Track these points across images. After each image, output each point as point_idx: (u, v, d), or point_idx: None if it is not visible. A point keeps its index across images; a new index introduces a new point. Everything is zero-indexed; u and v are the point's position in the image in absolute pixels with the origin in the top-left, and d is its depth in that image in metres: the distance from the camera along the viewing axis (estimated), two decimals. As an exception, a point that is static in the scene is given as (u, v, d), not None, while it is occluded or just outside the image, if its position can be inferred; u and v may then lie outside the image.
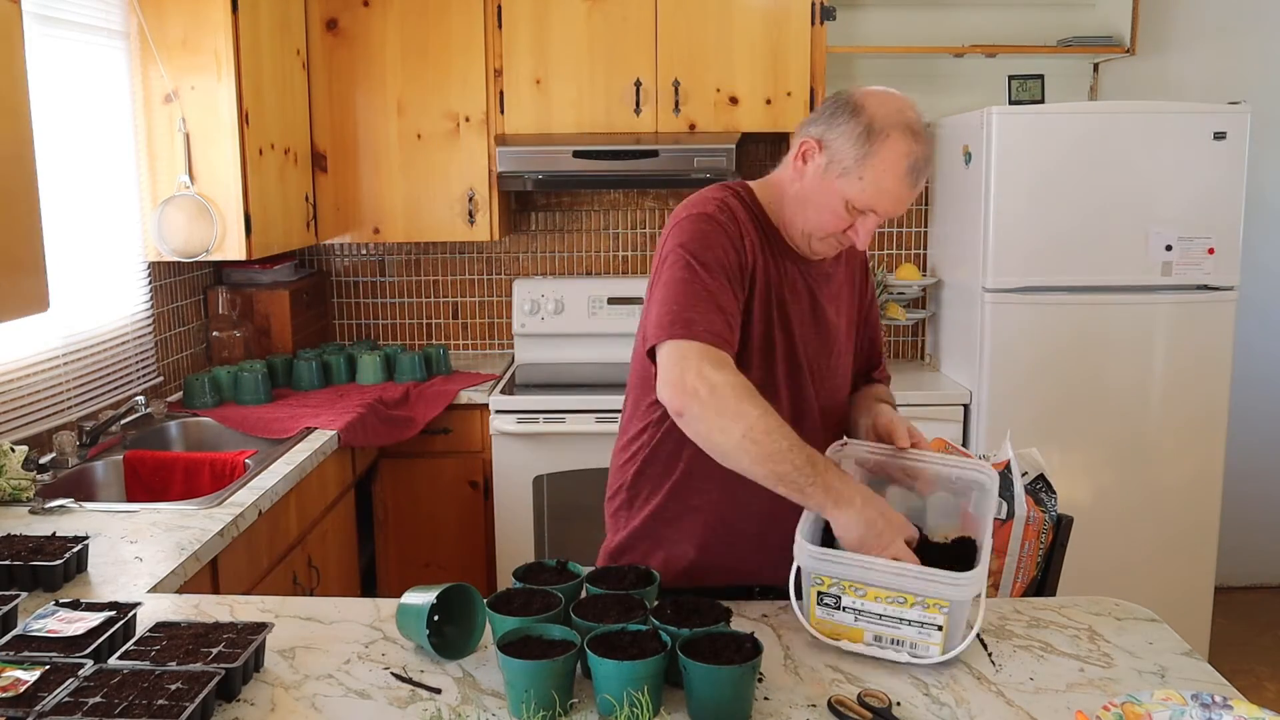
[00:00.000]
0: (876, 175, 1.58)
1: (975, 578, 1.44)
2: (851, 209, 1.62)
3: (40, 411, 2.60)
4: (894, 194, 1.59)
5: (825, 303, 1.76)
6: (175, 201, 3.00)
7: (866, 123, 1.58)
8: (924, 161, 1.59)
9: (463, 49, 3.53)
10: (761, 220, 1.71)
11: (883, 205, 1.60)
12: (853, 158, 1.59)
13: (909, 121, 1.59)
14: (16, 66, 1.99)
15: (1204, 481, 3.40)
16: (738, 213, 1.68)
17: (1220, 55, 3.92)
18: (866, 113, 1.59)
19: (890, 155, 1.57)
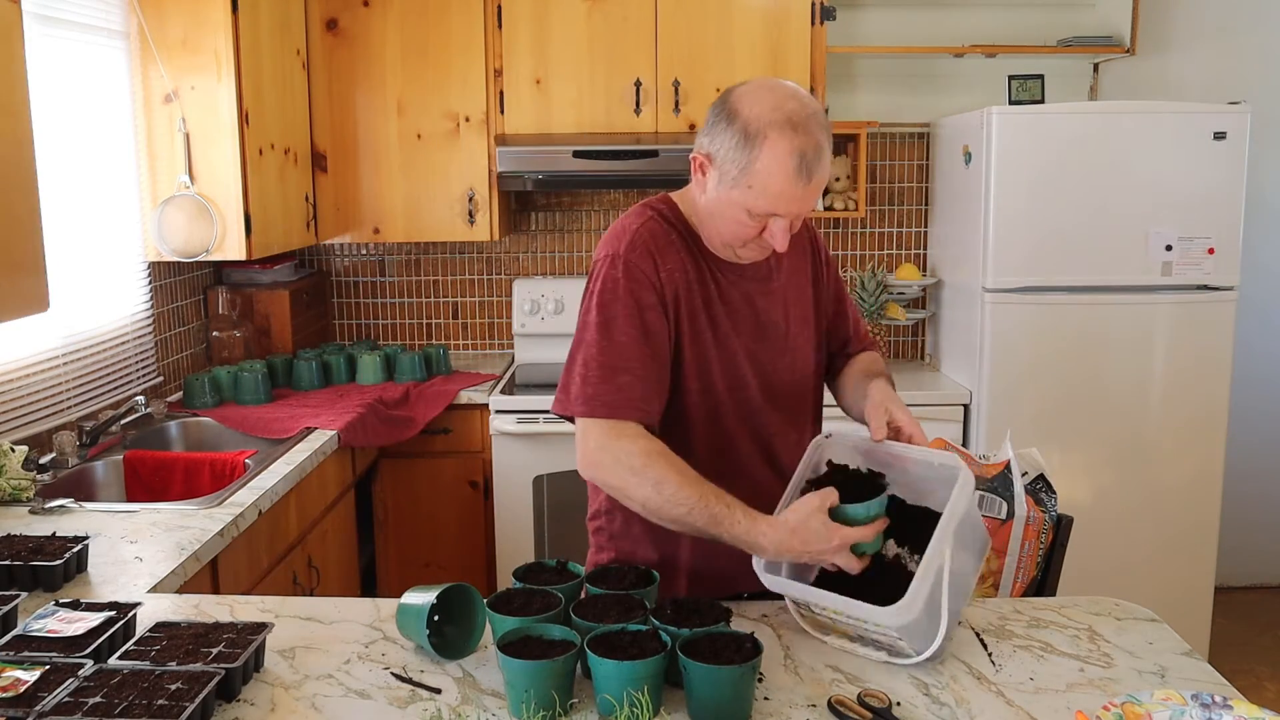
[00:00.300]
0: (764, 181, 1.52)
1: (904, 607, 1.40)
2: (754, 215, 1.56)
3: (40, 411, 2.60)
4: (788, 194, 1.52)
5: (766, 305, 1.72)
6: (175, 201, 3.00)
7: (742, 128, 1.52)
8: (813, 153, 1.51)
9: (463, 49, 3.53)
10: (685, 236, 1.67)
11: (780, 207, 1.54)
12: (738, 167, 1.53)
13: (787, 115, 1.50)
14: (16, 66, 1.99)
15: (1204, 481, 3.40)
16: (657, 238, 1.64)
17: (1220, 55, 3.92)
18: (741, 117, 1.52)
19: (772, 158, 1.50)
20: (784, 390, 1.75)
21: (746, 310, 1.70)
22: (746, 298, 1.70)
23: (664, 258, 1.64)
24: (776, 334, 1.73)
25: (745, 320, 1.70)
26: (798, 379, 1.78)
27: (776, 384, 1.73)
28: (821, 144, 1.53)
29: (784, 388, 1.75)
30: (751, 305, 1.70)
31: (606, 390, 1.58)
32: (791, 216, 1.57)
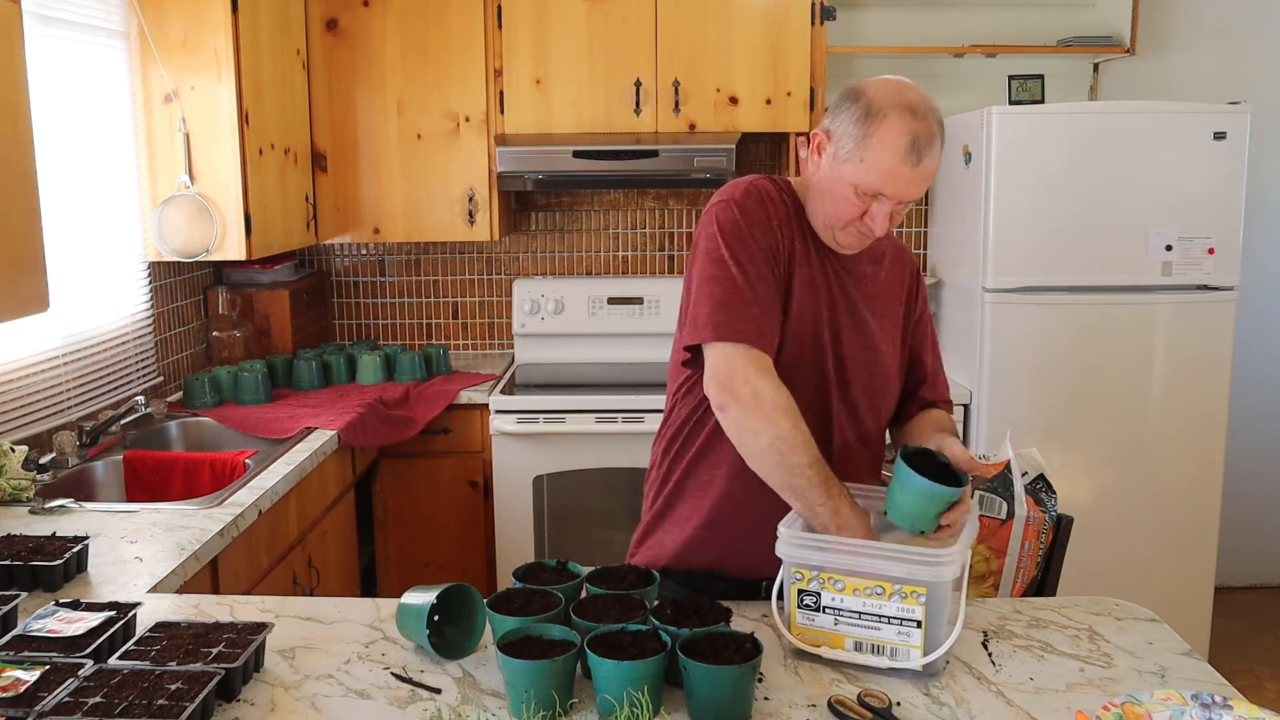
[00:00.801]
0: (876, 155, 1.58)
1: (953, 556, 1.42)
2: (861, 194, 1.61)
3: (40, 411, 2.60)
4: (896, 173, 1.58)
5: (860, 301, 1.74)
6: (175, 201, 3.00)
7: (865, 105, 1.60)
8: (926, 138, 1.58)
9: (463, 49, 3.53)
10: (795, 207, 1.72)
11: (888, 186, 1.59)
12: (854, 140, 1.60)
13: (908, 101, 1.58)
14: (16, 66, 1.99)
15: (1204, 481, 3.40)
16: (769, 195, 1.69)
17: (1220, 55, 3.92)
18: (866, 96, 1.60)
19: (888, 134, 1.57)
20: (858, 382, 1.75)
21: (840, 294, 1.72)
22: (840, 283, 1.73)
23: (775, 211, 1.68)
24: (868, 331, 1.75)
25: (837, 301, 1.72)
26: (875, 380, 1.77)
27: (852, 372, 1.74)
28: (935, 134, 1.60)
29: (859, 381, 1.75)
30: (845, 291, 1.73)
31: (742, 320, 1.60)
32: (896, 198, 1.61)
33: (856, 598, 1.46)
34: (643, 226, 4.02)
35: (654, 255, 4.02)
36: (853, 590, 1.46)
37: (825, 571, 1.47)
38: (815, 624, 1.50)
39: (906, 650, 1.44)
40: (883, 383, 1.79)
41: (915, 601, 1.42)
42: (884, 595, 1.44)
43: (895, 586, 1.43)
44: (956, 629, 1.44)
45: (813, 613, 1.50)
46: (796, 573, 1.49)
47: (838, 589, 1.47)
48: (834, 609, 1.48)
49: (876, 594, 1.45)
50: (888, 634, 1.45)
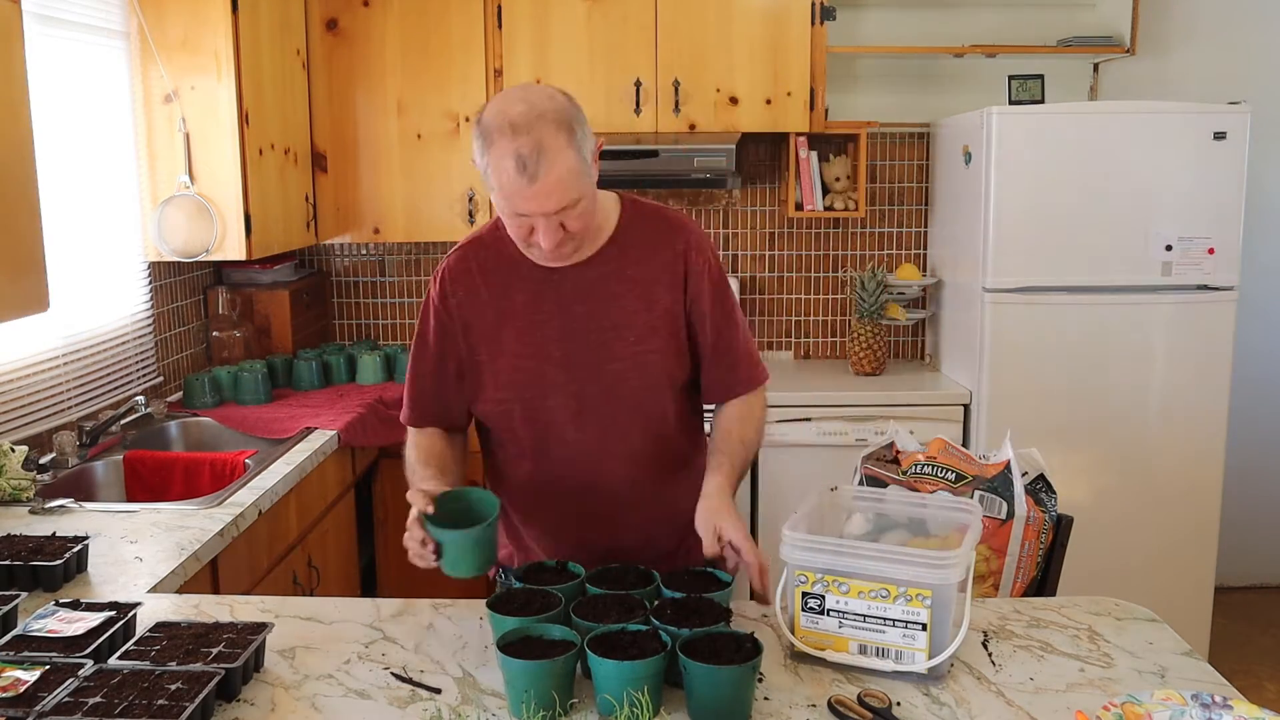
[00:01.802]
0: (496, 182, 1.57)
1: (958, 558, 1.42)
2: (514, 214, 1.60)
3: (40, 411, 2.60)
4: (519, 192, 1.55)
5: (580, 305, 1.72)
6: (175, 201, 3.00)
7: (480, 133, 1.58)
8: (532, 152, 1.52)
9: (463, 49, 3.53)
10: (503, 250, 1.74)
11: (521, 205, 1.57)
12: (483, 171, 1.60)
13: (511, 119, 1.54)
14: (16, 66, 1.99)
15: (1204, 481, 3.40)
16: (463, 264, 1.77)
17: (1220, 55, 3.92)
18: (481, 123, 1.59)
19: (496, 161, 1.55)
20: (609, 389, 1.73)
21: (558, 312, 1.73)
22: (559, 301, 1.72)
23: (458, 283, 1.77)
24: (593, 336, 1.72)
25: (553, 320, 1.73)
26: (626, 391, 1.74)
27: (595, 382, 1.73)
28: (543, 142, 1.53)
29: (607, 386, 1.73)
30: (567, 309, 1.72)
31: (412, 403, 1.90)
32: (535, 215, 1.58)
33: (861, 600, 1.46)
34: (643, 226, 4.01)
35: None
36: (857, 593, 1.46)
37: (830, 574, 1.47)
38: (819, 627, 1.49)
39: (912, 653, 1.44)
40: (635, 391, 1.74)
41: (920, 604, 1.42)
42: (889, 598, 1.44)
43: (900, 589, 1.43)
44: (961, 631, 1.44)
45: (817, 615, 1.49)
46: (800, 575, 1.49)
47: (842, 591, 1.46)
48: (838, 612, 1.47)
49: (881, 596, 1.44)
50: (892, 637, 1.45)
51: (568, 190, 1.56)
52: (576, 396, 1.73)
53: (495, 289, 1.75)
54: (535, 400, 1.75)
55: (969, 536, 1.51)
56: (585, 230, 1.65)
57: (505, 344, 1.74)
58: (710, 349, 1.79)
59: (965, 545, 1.47)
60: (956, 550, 1.44)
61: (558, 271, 1.72)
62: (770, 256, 4.02)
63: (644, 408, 1.76)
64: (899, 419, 2.97)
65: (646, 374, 1.74)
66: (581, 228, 1.63)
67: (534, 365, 1.73)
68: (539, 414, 1.75)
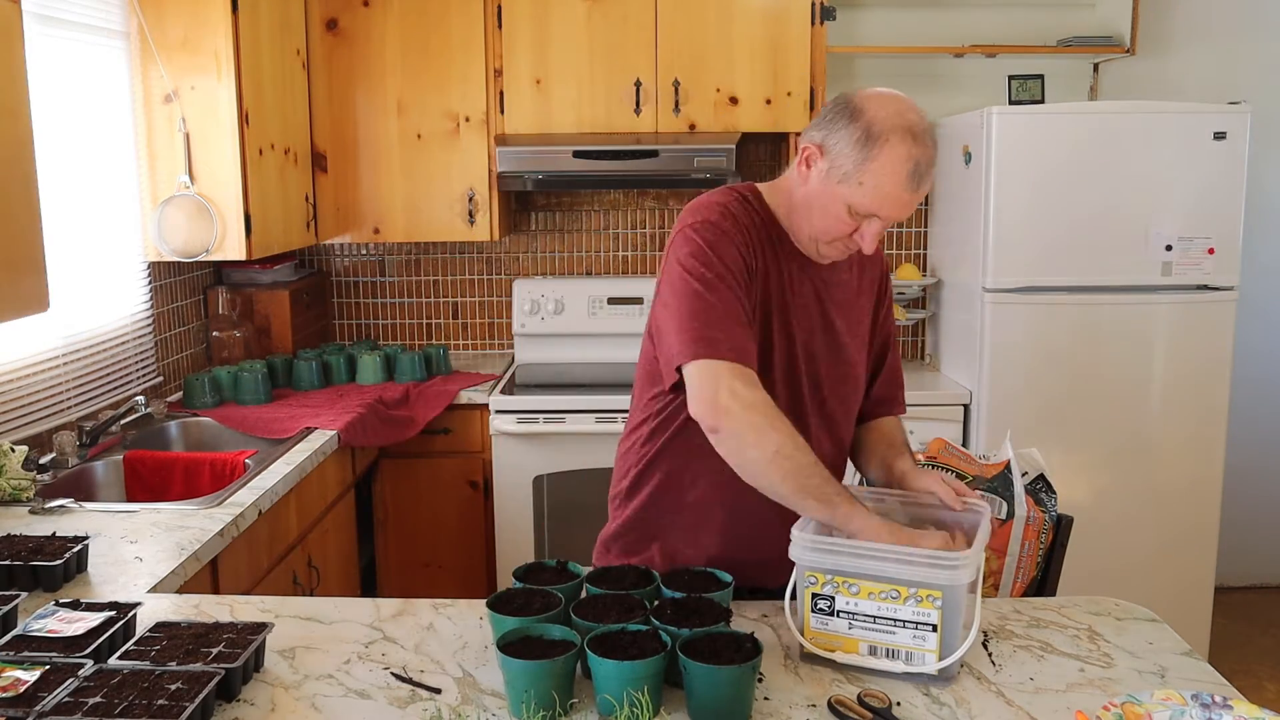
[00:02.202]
0: (877, 180, 1.57)
1: (969, 559, 1.42)
2: (854, 213, 1.61)
3: (40, 411, 2.60)
4: (895, 198, 1.58)
5: (832, 309, 1.75)
6: (175, 201, 3.00)
7: (865, 126, 1.57)
8: (926, 165, 1.57)
9: (463, 49, 3.53)
10: (768, 223, 1.71)
11: (885, 210, 1.59)
12: (853, 162, 1.58)
13: (910, 124, 1.56)
14: (16, 66, 1.99)
15: (1204, 481, 3.40)
16: (740, 217, 1.68)
17: (1220, 55, 3.92)
18: (866, 116, 1.58)
19: (890, 160, 1.55)
20: (833, 394, 1.77)
21: (817, 307, 1.73)
22: (817, 295, 1.73)
23: (745, 229, 1.67)
24: (838, 340, 1.76)
25: (815, 316, 1.73)
26: (847, 392, 1.80)
27: (827, 386, 1.76)
28: (934, 157, 1.60)
29: (834, 393, 1.77)
30: (821, 304, 1.74)
31: (724, 336, 1.57)
32: (890, 220, 1.62)
33: (871, 601, 1.45)
34: (643, 227, 4.02)
35: (654, 255, 4.02)
36: (867, 594, 1.46)
37: (840, 575, 1.47)
38: (829, 628, 1.48)
39: (922, 654, 1.44)
40: (853, 390, 1.81)
41: (931, 605, 1.42)
42: (899, 599, 1.44)
43: (911, 590, 1.43)
44: (972, 633, 1.44)
45: (827, 616, 1.48)
46: (810, 576, 1.49)
47: (852, 593, 1.46)
48: (848, 613, 1.47)
49: (892, 598, 1.44)
50: (903, 638, 1.44)
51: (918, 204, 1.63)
52: (812, 390, 1.73)
53: (771, 261, 1.69)
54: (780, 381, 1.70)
55: (979, 536, 1.51)
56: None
57: (775, 324, 1.70)
58: (887, 368, 1.88)
59: (976, 545, 1.47)
60: (967, 551, 1.44)
61: (812, 266, 1.72)
62: (770, 256, 4.01)
63: (849, 409, 1.81)
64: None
65: (858, 383, 1.81)
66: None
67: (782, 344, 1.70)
68: (779, 395, 1.68)
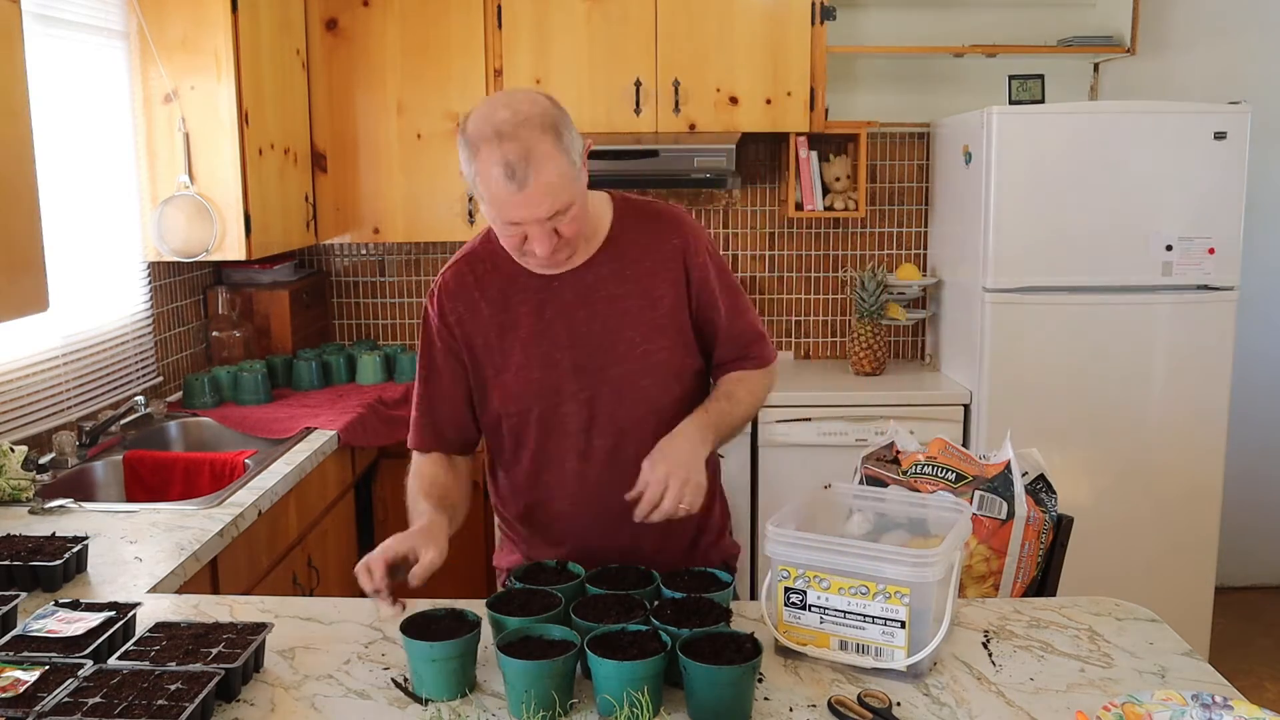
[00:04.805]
0: (485, 191, 1.56)
1: (938, 557, 1.42)
2: (505, 224, 1.59)
3: (40, 411, 2.60)
4: (507, 201, 1.54)
5: (583, 310, 1.71)
6: (175, 201, 3.00)
7: (466, 142, 1.58)
8: (520, 158, 1.51)
9: (463, 49, 3.53)
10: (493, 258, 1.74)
11: (509, 213, 1.55)
12: (470, 181, 1.59)
13: (495, 125, 1.53)
14: (16, 66, 1.99)
15: (1204, 481, 3.40)
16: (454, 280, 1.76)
17: (1220, 55, 3.92)
18: (466, 132, 1.58)
19: (483, 169, 1.54)
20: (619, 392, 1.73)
21: (563, 318, 1.72)
22: (565, 308, 1.71)
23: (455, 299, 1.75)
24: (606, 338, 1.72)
25: (560, 326, 1.71)
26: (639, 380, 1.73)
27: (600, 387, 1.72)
28: (531, 149, 1.51)
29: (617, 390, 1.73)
30: (570, 314, 1.71)
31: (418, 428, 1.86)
32: (527, 222, 1.56)
33: (841, 597, 1.46)
34: (643, 226, 4.01)
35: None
36: (838, 589, 1.46)
37: (811, 570, 1.48)
38: (801, 622, 1.50)
39: (891, 650, 1.44)
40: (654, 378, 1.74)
41: (899, 602, 1.43)
42: (868, 595, 1.45)
43: (879, 586, 1.44)
44: (942, 630, 1.44)
45: (799, 611, 1.50)
46: (784, 570, 1.50)
47: (823, 588, 1.47)
48: (820, 608, 1.48)
49: (861, 593, 1.45)
50: (872, 634, 1.45)
51: (558, 195, 1.54)
52: (588, 403, 1.72)
53: (495, 303, 1.73)
54: (547, 411, 1.74)
55: (951, 535, 1.51)
56: (579, 234, 1.63)
57: (511, 357, 1.73)
58: (725, 333, 1.79)
59: (946, 544, 1.47)
60: (937, 549, 1.44)
61: (557, 278, 1.71)
62: (770, 256, 4.02)
63: (656, 407, 1.74)
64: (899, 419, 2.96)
65: (655, 372, 1.73)
66: (575, 232, 1.61)
67: (541, 375, 1.72)
68: (551, 424, 1.74)
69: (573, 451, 1.75)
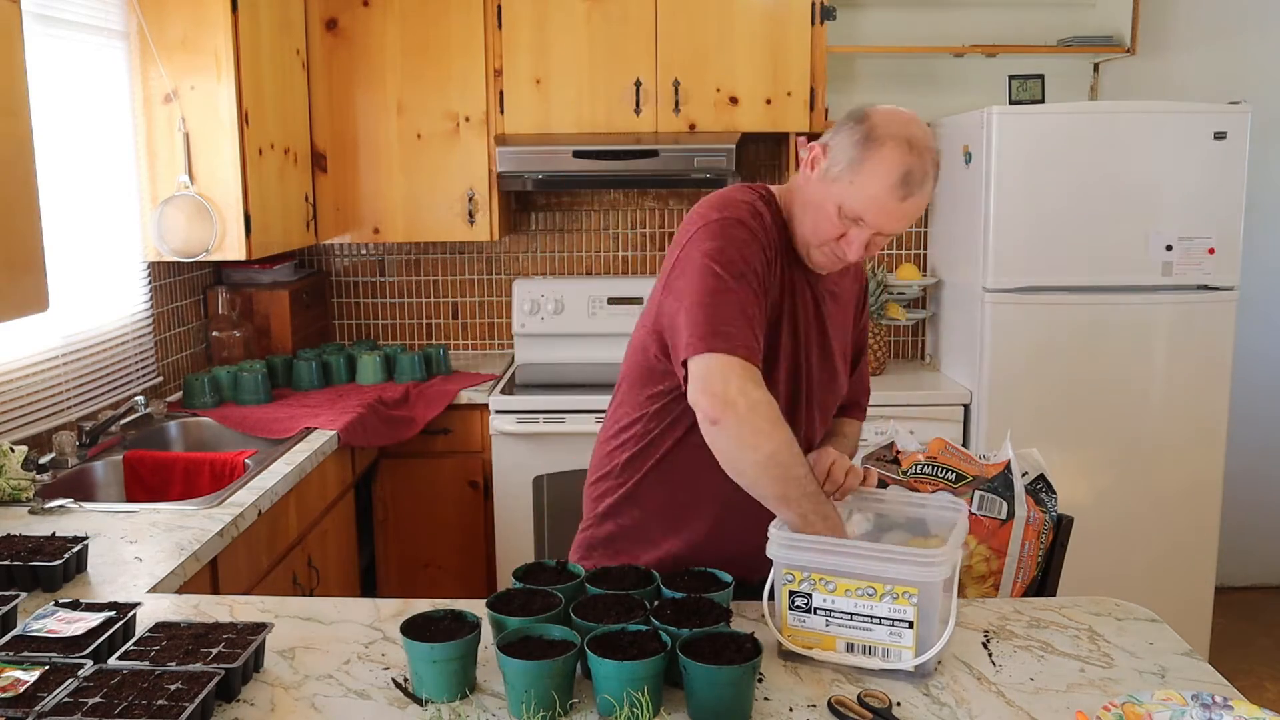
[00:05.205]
0: (865, 180, 1.58)
1: (945, 556, 1.42)
2: (843, 215, 1.61)
3: (40, 411, 2.60)
4: (881, 202, 1.58)
5: (827, 319, 1.77)
6: (175, 201, 3.00)
7: (867, 130, 1.59)
8: (919, 175, 1.57)
9: (463, 49, 3.53)
10: (781, 227, 1.72)
11: (870, 213, 1.59)
12: (847, 161, 1.60)
13: (910, 134, 1.58)
14: (16, 66, 1.99)
15: (1204, 481, 3.40)
16: (765, 218, 1.69)
17: (1220, 55, 3.92)
18: (870, 121, 1.60)
19: (881, 162, 1.56)
20: (821, 400, 1.81)
21: (815, 316, 1.77)
22: (816, 305, 1.76)
23: (766, 231, 1.67)
24: (831, 349, 1.80)
25: (814, 326, 1.76)
26: (831, 396, 1.85)
27: (818, 391, 1.79)
28: (929, 172, 1.59)
29: (822, 398, 1.81)
30: (819, 314, 1.77)
31: (739, 333, 1.56)
32: (877, 228, 1.61)
33: (848, 599, 1.46)
34: (643, 226, 4.02)
35: (654, 255, 4.02)
36: (844, 591, 1.46)
37: (817, 572, 1.47)
38: (806, 625, 1.49)
39: (898, 651, 1.44)
40: (837, 397, 1.87)
41: (907, 602, 1.43)
42: (875, 596, 1.45)
43: (887, 587, 1.44)
44: (948, 630, 1.44)
45: (804, 614, 1.49)
46: (788, 574, 1.49)
47: (829, 590, 1.47)
48: (825, 610, 1.48)
49: (868, 595, 1.45)
50: (879, 635, 1.45)
51: (910, 222, 1.64)
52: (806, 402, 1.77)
53: (781, 268, 1.70)
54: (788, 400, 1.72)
55: (954, 534, 1.52)
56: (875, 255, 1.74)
57: (784, 330, 1.71)
58: (857, 374, 1.93)
59: (951, 543, 1.47)
60: (943, 548, 1.44)
61: (812, 275, 1.75)
62: (770, 256, 4.01)
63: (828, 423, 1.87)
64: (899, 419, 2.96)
65: (840, 392, 1.86)
66: (877, 251, 1.69)
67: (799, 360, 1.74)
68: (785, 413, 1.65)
69: None
